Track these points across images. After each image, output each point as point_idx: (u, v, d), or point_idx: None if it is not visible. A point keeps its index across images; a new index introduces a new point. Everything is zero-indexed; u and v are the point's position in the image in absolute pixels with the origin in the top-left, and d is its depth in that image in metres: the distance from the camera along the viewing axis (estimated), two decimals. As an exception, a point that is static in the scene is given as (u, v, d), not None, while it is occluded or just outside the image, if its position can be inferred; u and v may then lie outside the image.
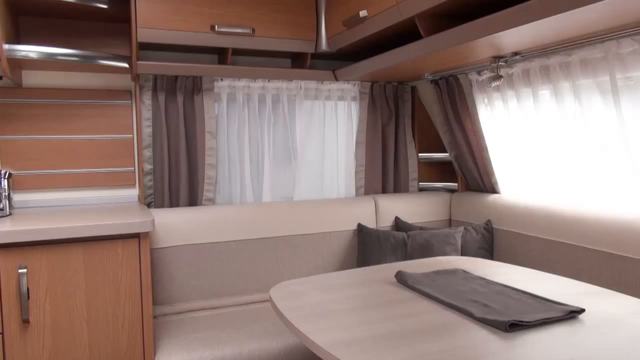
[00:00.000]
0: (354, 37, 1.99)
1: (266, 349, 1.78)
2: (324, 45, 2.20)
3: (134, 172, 2.27)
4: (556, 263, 1.94)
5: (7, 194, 2.01)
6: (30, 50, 1.85)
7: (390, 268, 1.70)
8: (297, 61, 2.41)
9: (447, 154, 2.65)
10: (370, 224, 2.45)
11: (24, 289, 1.54)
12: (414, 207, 2.54)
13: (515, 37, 1.53)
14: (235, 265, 2.20)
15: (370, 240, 2.33)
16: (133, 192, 2.29)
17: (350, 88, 2.56)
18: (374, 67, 2.06)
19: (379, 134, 2.61)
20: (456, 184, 2.67)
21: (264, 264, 2.26)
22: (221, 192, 2.42)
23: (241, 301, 2.20)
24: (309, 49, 2.20)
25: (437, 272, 1.59)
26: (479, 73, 2.16)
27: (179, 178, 2.26)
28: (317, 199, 2.49)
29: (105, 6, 1.96)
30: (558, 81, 1.83)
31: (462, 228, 2.26)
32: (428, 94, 2.62)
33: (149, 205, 2.24)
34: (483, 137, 2.27)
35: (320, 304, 1.36)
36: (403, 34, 1.94)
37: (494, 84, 1.96)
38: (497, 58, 1.90)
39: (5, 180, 2.01)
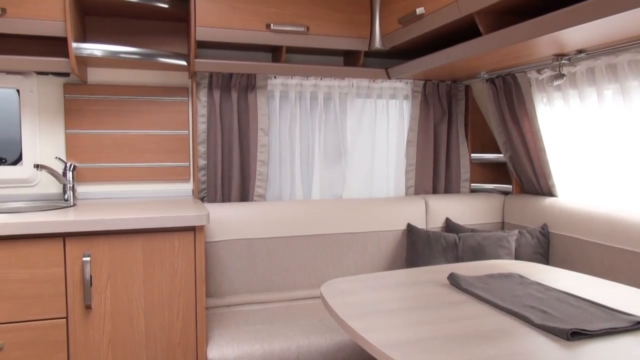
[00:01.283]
0: (409, 35, 1.96)
1: (315, 345, 1.79)
2: (377, 43, 2.18)
3: (189, 167, 2.33)
4: (617, 271, 1.85)
5: (71, 185, 2.11)
6: (95, 49, 1.93)
7: (442, 270, 1.67)
8: (350, 59, 2.41)
9: (501, 155, 2.58)
10: (420, 224, 2.42)
11: (88, 276, 1.62)
12: (465, 209, 2.48)
13: (582, 34, 1.46)
14: (284, 261, 2.23)
15: (419, 240, 2.30)
16: (187, 187, 2.35)
17: (402, 86, 2.53)
18: (428, 65, 2.03)
19: (431, 133, 2.57)
20: (510, 186, 2.59)
21: (312, 260, 2.27)
22: (271, 188, 2.45)
23: (289, 297, 2.22)
24: (362, 47, 2.20)
25: (491, 276, 1.55)
26: (538, 72, 2.08)
27: (231, 173, 2.31)
28: (367, 198, 2.48)
29: (165, 6, 2.03)
30: (626, 80, 1.75)
31: (516, 231, 2.19)
32: (483, 93, 2.56)
33: (202, 200, 2.30)
34: (541, 138, 2.19)
35: (372, 302, 1.35)
36: (458, 31, 1.90)
37: (555, 83, 1.89)
38: (560, 56, 1.83)
39: (71, 173, 2.11)
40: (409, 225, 2.39)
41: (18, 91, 2.12)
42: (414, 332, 1.12)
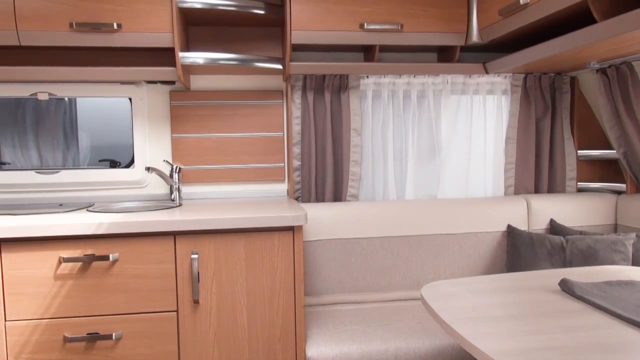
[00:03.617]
0: (511, 27, 1.86)
1: (413, 348, 1.76)
2: (474, 37, 2.10)
3: (284, 167, 2.39)
4: None
5: (177, 186, 2.25)
6: (197, 57, 2.03)
7: (551, 275, 1.57)
8: (444, 55, 2.34)
9: (613, 151, 2.37)
10: (521, 225, 2.29)
11: (195, 272, 1.71)
12: (572, 209, 2.32)
13: None
14: (379, 261, 2.21)
15: (521, 243, 2.18)
16: (282, 187, 2.41)
17: (500, 81, 2.41)
18: (532, 57, 1.92)
19: (532, 129, 2.42)
20: (623, 185, 2.37)
21: (407, 262, 2.23)
22: (364, 188, 2.44)
23: (384, 297, 2.21)
24: (458, 41, 2.12)
25: (609, 283, 1.43)
26: (659, 59, 1.89)
27: (324, 174, 2.33)
28: (463, 198, 2.40)
29: (261, 12, 2.09)
30: None
31: (633, 234, 2.00)
32: (592, 84, 2.36)
33: (296, 200, 2.35)
34: (662, 132, 1.98)
35: (477, 307, 1.30)
36: (560, 20, 1.77)
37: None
38: (687, 40, 1.64)
39: (177, 174, 2.25)
40: (509, 226, 2.27)
41: (130, 100, 2.29)
42: (527, 341, 1.06)
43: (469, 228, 2.27)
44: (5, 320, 1.66)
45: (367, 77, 2.33)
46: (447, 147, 2.45)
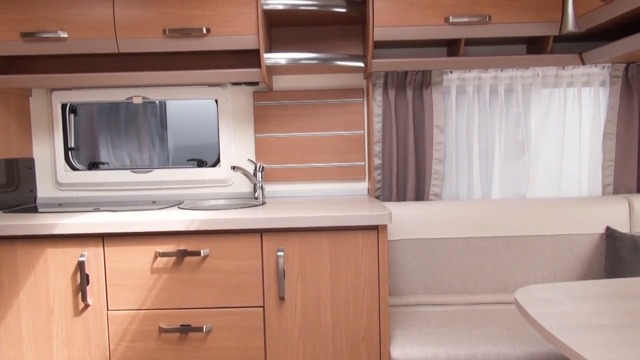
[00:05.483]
0: (614, 12, 1.72)
1: (504, 354, 1.68)
2: (570, 25, 1.96)
3: (364, 166, 2.38)
4: None
5: (260, 185, 2.30)
6: (280, 57, 2.06)
7: (663, 282, 1.43)
8: (534, 46, 2.21)
9: None
10: (622, 227, 2.12)
11: (281, 269, 1.74)
12: (681, 211, 2.11)
13: None
14: (463, 262, 2.14)
15: (623, 246, 2.01)
16: (363, 186, 2.40)
17: (598, 72, 2.24)
18: (638, 45, 1.76)
19: (635, 124, 2.23)
20: None
21: (494, 264, 2.14)
22: (447, 187, 2.37)
23: (469, 300, 2.13)
24: (551, 31, 1.99)
25: None
26: None
27: (406, 172, 2.29)
28: (555, 197, 2.26)
29: (343, 10, 2.08)
30: None
31: None
32: None
33: (376, 199, 2.32)
34: None
35: (578, 315, 1.22)
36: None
37: None
38: None
39: (260, 173, 2.30)
40: (608, 228, 2.11)
41: (216, 101, 2.38)
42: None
43: (562, 230, 2.13)
44: (108, 310, 1.78)
45: (451, 72, 2.26)
46: (537, 144, 2.32)
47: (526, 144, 2.32)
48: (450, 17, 1.96)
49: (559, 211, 2.14)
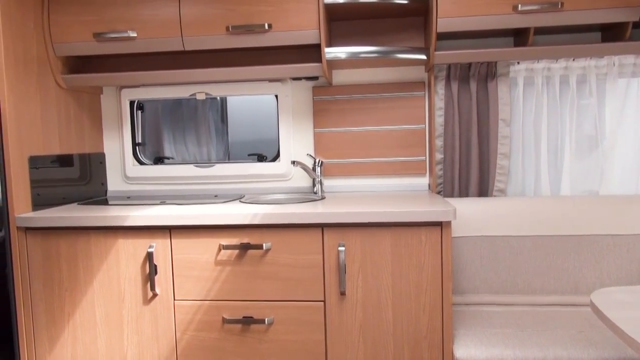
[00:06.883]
0: None
1: (576, 358, 1.60)
2: (652, 10, 1.83)
3: (425, 161, 2.33)
4: None
5: (319, 179, 2.30)
6: (340, 52, 2.05)
7: None
8: (610, 33, 2.08)
9: None
10: None
11: (342, 264, 1.73)
12: None
13: None
14: (529, 262, 2.05)
15: None
16: (423, 181, 2.35)
17: (682, 60, 2.09)
18: None
19: None
20: None
21: (562, 263, 2.04)
22: (513, 183, 2.28)
23: (535, 301, 2.04)
24: (632, 16, 1.86)
25: None
26: None
27: (469, 167, 2.22)
28: (632, 195, 2.12)
29: (405, 1, 2.04)
30: None
31: None
32: None
33: (438, 194, 2.27)
34: None
35: (665, 321, 1.13)
36: None
37: None
38: None
39: (319, 168, 2.31)
40: (692, 228, 1.96)
41: (276, 96, 2.40)
42: None
43: (639, 228, 2.00)
44: (174, 300, 1.84)
45: (518, 63, 2.17)
46: (612, 138, 2.18)
47: (599, 137, 2.19)
48: (519, 5, 1.88)
49: (636, 209, 2.01)
